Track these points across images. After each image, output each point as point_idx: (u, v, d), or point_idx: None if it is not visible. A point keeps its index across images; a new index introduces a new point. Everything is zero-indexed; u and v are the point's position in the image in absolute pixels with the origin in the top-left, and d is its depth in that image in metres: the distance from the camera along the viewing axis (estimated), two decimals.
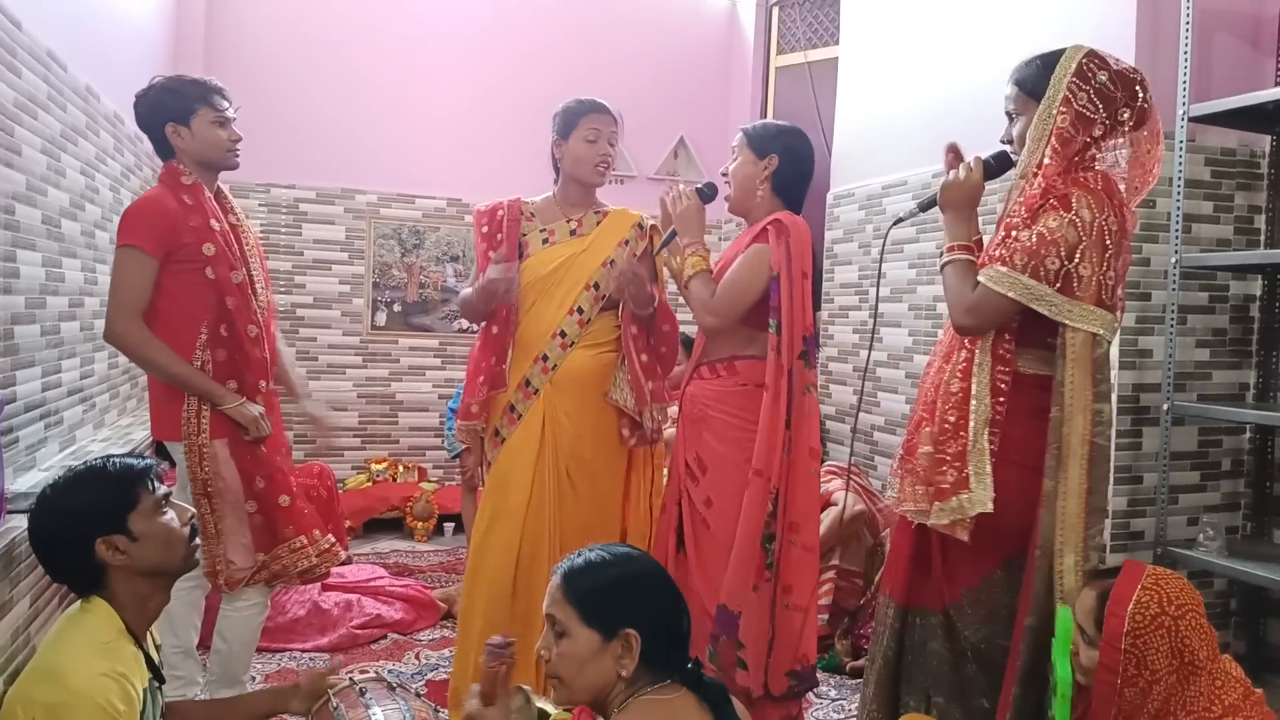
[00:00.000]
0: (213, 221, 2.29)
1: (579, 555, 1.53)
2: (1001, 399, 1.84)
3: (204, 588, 2.44)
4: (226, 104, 2.36)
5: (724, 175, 2.39)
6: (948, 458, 1.84)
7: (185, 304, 2.26)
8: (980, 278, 1.83)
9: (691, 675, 1.49)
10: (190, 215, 2.25)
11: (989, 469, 1.80)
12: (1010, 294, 1.78)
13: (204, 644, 2.55)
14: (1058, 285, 1.77)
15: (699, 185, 2.39)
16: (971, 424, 1.82)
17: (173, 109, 2.30)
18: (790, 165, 2.30)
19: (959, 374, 1.87)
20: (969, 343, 1.88)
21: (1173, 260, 2.72)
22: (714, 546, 2.23)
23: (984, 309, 1.83)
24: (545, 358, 2.43)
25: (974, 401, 1.83)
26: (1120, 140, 1.88)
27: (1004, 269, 1.80)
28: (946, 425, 1.86)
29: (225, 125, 2.34)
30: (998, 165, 1.98)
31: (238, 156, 2.38)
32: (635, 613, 1.47)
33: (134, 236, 2.21)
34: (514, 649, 1.57)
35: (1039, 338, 1.85)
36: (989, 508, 1.79)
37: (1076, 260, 1.76)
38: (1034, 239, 1.78)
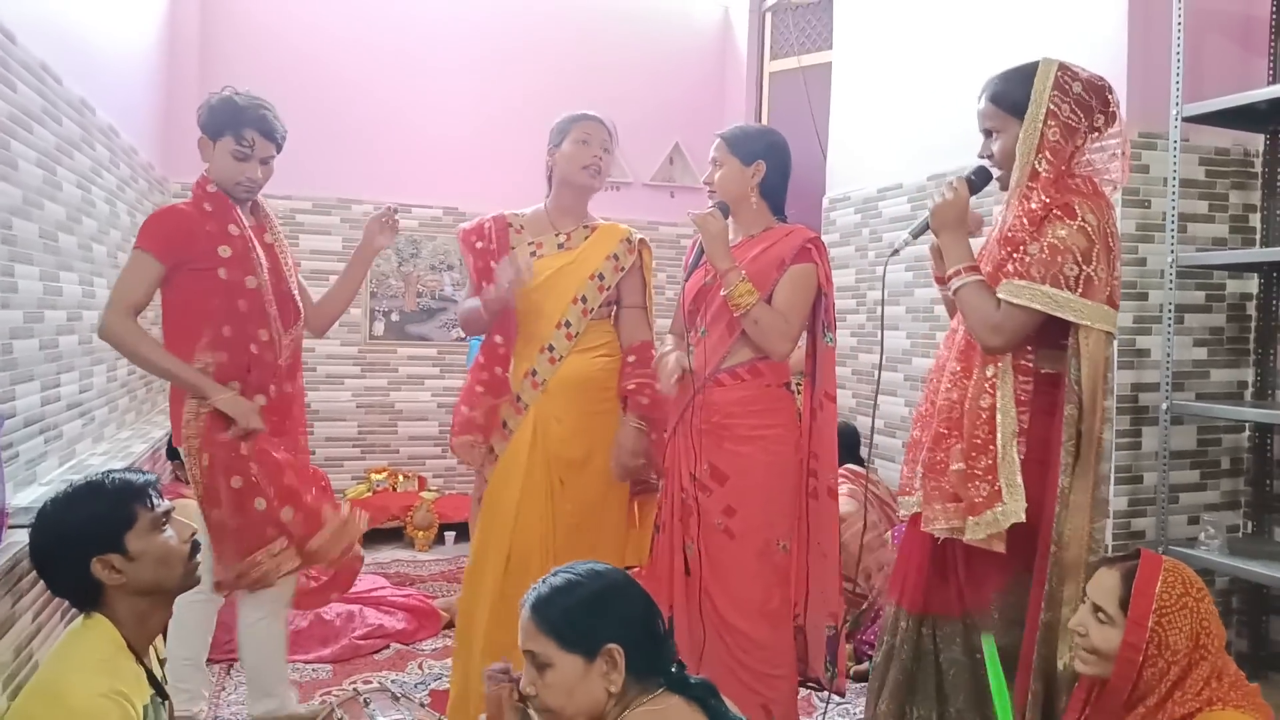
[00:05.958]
0: (231, 227, 2.32)
1: (543, 583, 1.51)
2: (1024, 409, 1.88)
3: (215, 602, 2.43)
4: (261, 140, 2.35)
5: (708, 187, 2.37)
6: (979, 472, 1.86)
7: (197, 306, 2.30)
8: (1001, 294, 1.85)
9: (678, 679, 1.49)
10: (208, 220, 2.30)
11: (1019, 480, 1.83)
12: (1034, 305, 1.81)
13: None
14: (1079, 290, 1.79)
15: (713, 204, 2.33)
16: (999, 438, 1.85)
17: (208, 123, 2.36)
18: (777, 168, 2.33)
19: (987, 389, 1.88)
20: (992, 356, 1.90)
21: (1169, 260, 2.73)
22: (738, 557, 2.25)
23: (1009, 325, 1.84)
24: (534, 373, 2.43)
25: (1000, 415, 1.86)
26: (1095, 145, 1.93)
27: (1023, 283, 1.82)
28: (976, 440, 1.87)
29: (244, 159, 2.35)
30: (980, 180, 2.01)
31: (246, 191, 2.36)
32: (612, 627, 1.46)
33: (144, 240, 2.28)
34: (514, 671, 1.57)
35: (1052, 339, 1.87)
36: (1023, 518, 1.82)
37: (1093, 264, 1.79)
38: (1046, 250, 1.81)
